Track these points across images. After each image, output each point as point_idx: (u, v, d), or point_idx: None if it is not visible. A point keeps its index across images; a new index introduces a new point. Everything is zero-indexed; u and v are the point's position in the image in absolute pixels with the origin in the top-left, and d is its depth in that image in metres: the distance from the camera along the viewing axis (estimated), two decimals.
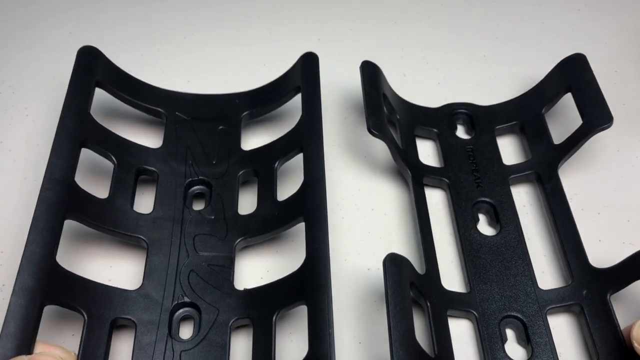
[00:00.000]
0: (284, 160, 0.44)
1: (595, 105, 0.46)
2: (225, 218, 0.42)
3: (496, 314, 0.40)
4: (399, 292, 0.35)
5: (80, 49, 0.47)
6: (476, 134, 0.50)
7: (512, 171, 0.47)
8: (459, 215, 0.45)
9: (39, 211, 0.37)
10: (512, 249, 0.43)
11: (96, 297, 0.37)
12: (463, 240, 0.43)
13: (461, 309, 0.40)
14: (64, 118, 0.42)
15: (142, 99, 0.47)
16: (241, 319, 0.38)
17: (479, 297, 0.41)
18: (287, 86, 0.47)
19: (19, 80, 0.55)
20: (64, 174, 0.40)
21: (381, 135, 0.44)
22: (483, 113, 0.51)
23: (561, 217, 0.44)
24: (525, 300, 0.40)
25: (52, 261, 0.36)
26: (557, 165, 0.46)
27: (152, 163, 0.44)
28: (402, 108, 0.50)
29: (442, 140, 0.49)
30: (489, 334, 0.39)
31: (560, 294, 0.41)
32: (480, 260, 0.42)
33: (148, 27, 0.59)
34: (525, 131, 0.49)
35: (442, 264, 0.42)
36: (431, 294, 0.39)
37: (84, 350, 0.35)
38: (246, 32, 0.59)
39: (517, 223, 0.44)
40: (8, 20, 0.60)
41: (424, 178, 0.46)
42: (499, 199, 0.45)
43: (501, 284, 0.41)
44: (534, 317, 0.40)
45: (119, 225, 0.41)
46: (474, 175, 0.47)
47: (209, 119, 0.47)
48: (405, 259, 0.37)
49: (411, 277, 0.37)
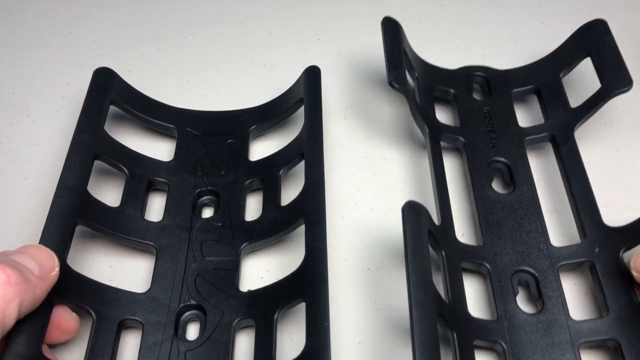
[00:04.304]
0: (287, 168, 0.45)
1: (614, 69, 0.46)
2: (232, 225, 0.43)
3: (508, 268, 0.40)
4: (417, 236, 0.35)
5: (95, 70, 0.48)
6: (493, 96, 0.50)
7: (528, 133, 0.48)
8: (474, 174, 0.45)
9: (51, 216, 0.39)
10: (525, 206, 0.43)
11: (105, 298, 0.38)
12: (477, 197, 0.44)
13: (475, 262, 0.41)
14: (79, 134, 0.44)
15: (155, 116, 0.49)
16: (245, 319, 0.39)
17: (492, 251, 0.41)
18: (291, 99, 0.49)
19: (19, 80, 0.55)
20: (76, 183, 0.41)
21: (402, 89, 0.44)
22: (500, 76, 0.52)
23: (575, 177, 0.44)
24: (537, 255, 0.41)
25: (63, 263, 0.37)
26: (573, 128, 0.46)
27: (163, 175, 0.46)
28: (421, 67, 0.51)
29: (459, 101, 0.50)
30: (501, 286, 0.39)
31: (573, 251, 0.41)
32: (494, 216, 0.43)
33: (148, 27, 0.59)
34: (542, 95, 0.50)
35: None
36: (446, 245, 0.40)
37: (92, 348, 0.37)
38: (246, 32, 0.59)
39: (532, 182, 0.45)
40: (8, 20, 0.60)
41: (441, 136, 0.47)
42: (514, 159, 0.46)
43: (514, 240, 0.41)
44: (545, 273, 0.40)
45: (129, 232, 0.42)
46: (489, 136, 0.47)
47: (218, 134, 0.49)
48: (423, 207, 0.37)
49: (429, 225, 0.38)
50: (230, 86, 0.54)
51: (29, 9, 0.61)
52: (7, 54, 0.57)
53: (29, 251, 0.34)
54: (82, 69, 0.54)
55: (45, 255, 0.35)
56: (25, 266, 0.33)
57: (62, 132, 0.50)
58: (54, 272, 0.35)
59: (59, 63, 0.56)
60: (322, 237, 0.38)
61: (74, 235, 0.39)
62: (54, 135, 0.50)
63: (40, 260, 0.34)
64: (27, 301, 0.32)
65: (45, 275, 0.34)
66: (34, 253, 0.34)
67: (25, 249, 0.34)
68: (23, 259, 0.33)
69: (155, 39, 0.58)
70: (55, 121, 0.51)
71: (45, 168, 0.48)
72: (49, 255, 0.35)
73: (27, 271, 0.33)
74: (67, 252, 0.38)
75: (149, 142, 0.49)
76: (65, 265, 0.37)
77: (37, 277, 0.33)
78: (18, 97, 0.53)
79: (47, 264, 0.34)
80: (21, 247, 0.35)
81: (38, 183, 0.47)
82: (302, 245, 0.39)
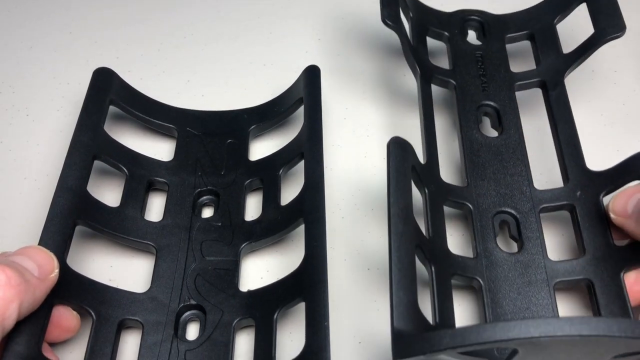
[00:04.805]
0: (287, 168, 0.45)
1: (609, 14, 0.46)
2: (232, 224, 0.43)
3: (491, 209, 0.41)
4: (401, 171, 0.36)
5: (95, 70, 0.48)
6: (486, 41, 0.51)
7: (519, 78, 0.48)
8: (462, 116, 0.46)
9: (51, 216, 0.39)
10: (511, 150, 0.44)
11: (105, 298, 0.39)
12: (464, 138, 0.44)
13: (457, 201, 0.41)
14: (78, 134, 0.44)
15: (154, 116, 0.49)
16: (244, 319, 0.39)
17: (476, 192, 0.42)
18: (291, 99, 0.49)
19: (19, 80, 0.55)
20: (76, 183, 0.41)
21: (395, 26, 0.44)
22: (495, 21, 0.52)
23: (563, 123, 0.45)
24: (520, 198, 0.42)
25: (62, 264, 0.37)
26: (563, 73, 0.47)
27: (162, 175, 0.46)
28: (416, 8, 0.51)
29: (452, 44, 0.50)
30: (482, 226, 0.40)
31: (555, 194, 0.42)
32: (480, 159, 0.44)
33: (148, 27, 0.59)
34: (536, 41, 0.50)
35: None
36: (430, 183, 0.40)
37: (92, 348, 0.37)
38: (246, 32, 0.59)
39: (519, 127, 0.45)
40: (8, 20, 0.60)
41: (432, 78, 0.47)
42: (503, 104, 0.47)
43: (498, 182, 0.42)
44: (527, 214, 0.41)
45: (129, 232, 0.42)
46: (480, 80, 0.48)
47: (218, 134, 0.49)
48: (409, 144, 0.38)
49: (413, 161, 0.38)
50: (230, 86, 0.54)
51: (29, 9, 0.61)
52: (7, 54, 0.57)
53: (29, 253, 0.34)
54: (82, 69, 0.54)
55: (45, 256, 0.35)
56: (25, 267, 0.33)
57: (61, 132, 0.50)
58: (54, 273, 0.35)
59: (59, 63, 0.56)
60: (321, 237, 0.38)
61: (73, 235, 0.40)
62: (54, 135, 0.50)
63: (40, 262, 0.34)
64: (26, 302, 0.32)
65: (44, 276, 0.34)
66: (34, 254, 0.34)
67: (25, 251, 0.34)
68: (23, 260, 0.33)
69: (155, 39, 0.58)
70: (55, 121, 0.51)
71: (45, 168, 0.48)
72: (49, 256, 0.35)
73: (27, 272, 0.33)
74: (67, 252, 0.38)
75: (149, 142, 0.49)
76: (65, 266, 0.38)
77: (37, 279, 0.33)
78: (18, 97, 0.53)
79: (47, 266, 0.34)
80: (21, 249, 0.35)
81: (38, 183, 0.47)
82: (301, 245, 0.39)
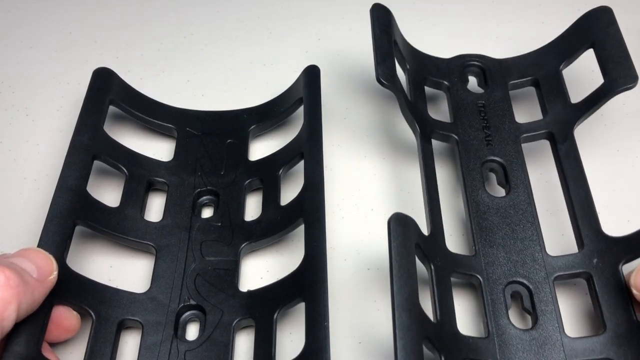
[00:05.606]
0: (287, 168, 0.45)
1: (619, 63, 0.43)
2: (232, 225, 0.43)
3: (501, 279, 0.38)
4: (404, 254, 0.33)
5: (95, 70, 0.48)
6: (489, 88, 0.48)
7: (525, 130, 0.45)
8: (466, 174, 0.43)
9: (51, 216, 0.39)
10: (520, 211, 0.41)
11: (105, 298, 0.38)
12: (470, 200, 0.41)
13: (465, 273, 0.38)
14: (78, 134, 0.44)
15: (154, 116, 0.49)
16: (244, 319, 0.39)
17: (485, 260, 0.39)
18: (291, 99, 0.49)
19: (19, 80, 0.55)
20: (75, 183, 0.41)
21: (390, 85, 0.42)
22: (497, 66, 0.49)
23: (574, 181, 0.42)
24: (532, 266, 0.39)
25: (62, 264, 0.37)
26: (573, 125, 0.44)
27: (162, 175, 0.46)
28: (413, 57, 0.48)
29: (452, 93, 0.47)
30: (493, 299, 0.37)
31: (570, 261, 0.39)
32: (487, 222, 0.41)
33: (148, 27, 0.59)
34: (541, 88, 0.47)
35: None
36: (435, 256, 0.37)
37: (92, 349, 0.37)
38: (246, 32, 0.59)
39: (528, 185, 0.42)
40: (8, 20, 0.60)
41: (432, 134, 0.44)
42: (509, 159, 0.44)
43: (508, 248, 0.39)
44: (540, 284, 0.38)
45: (129, 233, 0.42)
46: (484, 132, 0.45)
47: (218, 134, 0.48)
48: (411, 219, 0.35)
49: (416, 238, 0.35)
50: (230, 86, 0.54)
51: (29, 9, 0.61)
52: (7, 54, 0.57)
53: (28, 254, 0.34)
54: (82, 69, 0.54)
55: (44, 258, 0.35)
56: (24, 269, 0.33)
57: (61, 132, 0.50)
58: (53, 275, 0.35)
59: (59, 63, 0.56)
60: (321, 237, 0.38)
61: (73, 236, 0.39)
62: (54, 135, 0.50)
63: (39, 264, 0.34)
64: (25, 303, 0.32)
65: (43, 278, 0.34)
66: (33, 256, 0.34)
67: (24, 252, 0.35)
68: (22, 261, 0.33)
69: (155, 39, 0.58)
70: (55, 121, 0.51)
71: (45, 168, 0.48)
72: (48, 258, 0.35)
73: (25, 274, 0.33)
74: (66, 252, 0.38)
75: (149, 142, 0.49)
76: (65, 266, 0.38)
77: (36, 280, 0.33)
78: (18, 97, 0.53)
79: (46, 267, 0.34)
80: (20, 250, 0.35)
81: (37, 183, 0.47)
82: (301, 245, 0.39)
